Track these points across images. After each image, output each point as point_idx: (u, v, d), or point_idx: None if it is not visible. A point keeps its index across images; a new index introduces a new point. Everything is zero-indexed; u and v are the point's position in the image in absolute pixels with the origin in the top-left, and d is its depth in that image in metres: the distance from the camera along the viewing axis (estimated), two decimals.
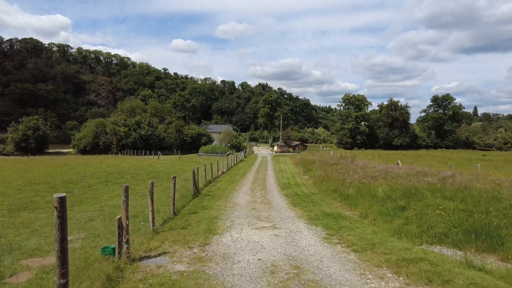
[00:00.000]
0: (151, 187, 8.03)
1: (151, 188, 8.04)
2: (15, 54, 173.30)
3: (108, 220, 10.16)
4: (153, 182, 8.10)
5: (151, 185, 8.03)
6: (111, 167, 31.92)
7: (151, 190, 8.02)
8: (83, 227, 9.39)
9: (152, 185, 8.06)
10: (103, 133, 67.18)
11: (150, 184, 8.03)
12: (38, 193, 16.68)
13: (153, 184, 8.09)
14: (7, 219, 10.74)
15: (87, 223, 9.93)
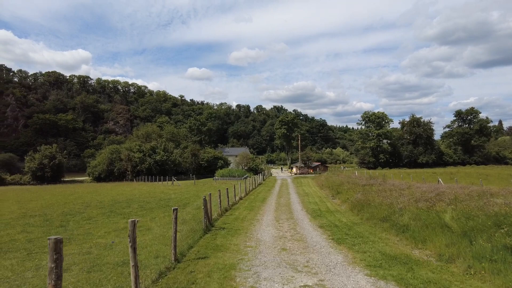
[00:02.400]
0: (131, 228, 5.26)
1: (132, 230, 5.27)
2: (38, 87, 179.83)
3: (86, 272, 7.40)
4: (135, 222, 5.34)
5: (131, 226, 5.26)
6: (120, 195, 29.60)
7: (132, 235, 5.25)
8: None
9: (134, 226, 5.29)
10: (118, 159, 65.84)
11: (131, 224, 5.27)
12: (27, 228, 14.24)
13: (134, 225, 5.32)
14: None
15: None
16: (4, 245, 11.16)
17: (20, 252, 10.06)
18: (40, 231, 13.44)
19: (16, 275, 7.44)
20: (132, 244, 5.20)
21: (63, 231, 13.48)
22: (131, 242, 5.19)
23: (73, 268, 7.79)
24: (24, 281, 6.88)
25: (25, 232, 13.34)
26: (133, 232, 5.20)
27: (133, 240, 5.19)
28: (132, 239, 5.18)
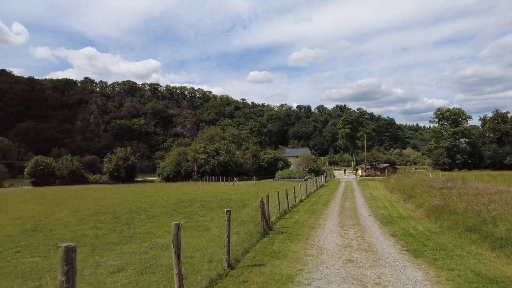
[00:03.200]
0: (175, 232, 4.75)
1: (176, 234, 4.75)
2: (115, 95, 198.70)
3: (139, 273, 7.19)
4: (179, 225, 4.83)
5: (175, 229, 4.75)
6: (184, 195, 30.58)
7: (175, 240, 4.74)
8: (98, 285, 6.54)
9: (178, 230, 4.78)
10: (184, 161, 69.09)
11: (174, 228, 4.76)
12: (97, 224, 15.08)
13: (179, 229, 4.81)
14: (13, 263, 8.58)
15: (110, 275, 7.09)
16: (75, 240, 11.77)
17: (86, 248, 10.45)
18: (107, 228, 14.07)
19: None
20: (176, 250, 4.68)
21: (127, 228, 13.94)
22: (174, 247, 4.68)
23: (128, 268, 7.68)
24: (81, 279, 6.88)
25: (95, 228, 14.06)
26: (177, 236, 4.69)
27: (177, 245, 4.68)
28: (175, 244, 4.67)
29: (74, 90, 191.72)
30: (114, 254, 9.43)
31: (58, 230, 13.82)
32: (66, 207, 22.17)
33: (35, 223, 15.70)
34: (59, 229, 14.17)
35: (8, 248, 10.89)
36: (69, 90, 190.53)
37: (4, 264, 8.92)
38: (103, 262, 8.35)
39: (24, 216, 18.39)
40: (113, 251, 9.90)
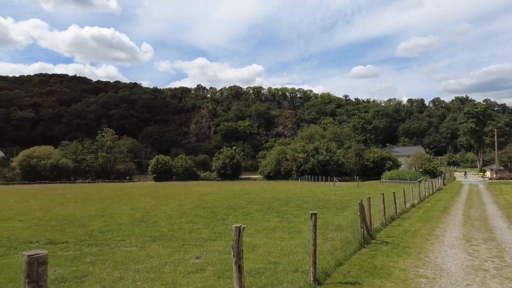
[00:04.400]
0: (236, 238, 3.79)
1: (237, 240, 3.78)
2: (223, 100, 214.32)
3: (216, 276, 6.55)
4: (240, 229, 3.85)
5: (236, 234, 3.79)
6: (281, 193, 30.09)
7: (236, 247, 3.78)
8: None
9: (239, 235, 3.81)
10: (284, 159, 69.37)
11: (235, 232, 3.80)
12: (195, 218, 15.52)
13: (240, 233, 3.84)
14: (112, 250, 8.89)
15: (188, 275, 6.63)
16: (171, 233, 12.11)
17: (177, 242, 10.52)
18: (203, 223, 14.27)
19: (157, 267, 7.36)
20: (237, 260, 3.73)
21: (220, 224, 13.86)
22: (235, 257, 3.73)
23: (207, 269, 7.14)
24: (159, 276, 6.60)
25: (192, 223, 14.42)
26: (238, 243, 3.73)
27: (238, 254, 3.72)
28: (236, 253, 3.73)
29: (189, 96, 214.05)
30: (200, 251, 9.15)
31: (160, 222, 14.62)
32: (173, 201, 23.96)
33: (144, 214, 17.10)
34: (162, 221, 15.00)
35: (116, 235, 11.79)
36: (185, 97, 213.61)
37: (107, 250, 9.50)
38: (186, 260, 8.07)
39: (138, 207, 20.40)
40: (200, 247, 9.67)
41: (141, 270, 7.05)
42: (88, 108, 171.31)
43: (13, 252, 9.32)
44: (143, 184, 59.82)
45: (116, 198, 26.82)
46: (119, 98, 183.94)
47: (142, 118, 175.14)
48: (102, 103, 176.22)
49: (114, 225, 13.88)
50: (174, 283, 6.23)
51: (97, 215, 16.80)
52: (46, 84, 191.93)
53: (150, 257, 8.51)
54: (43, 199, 25.81)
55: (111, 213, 17.59)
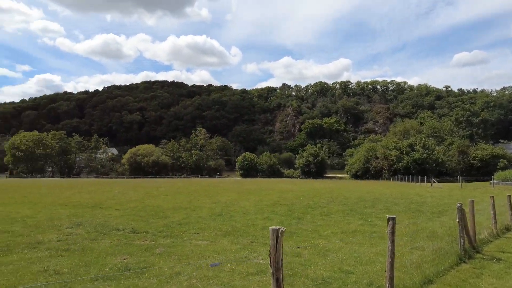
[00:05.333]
0: (273, 243, 3.03)
1: (275, 245, 3.03)
2: (308, 97, 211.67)
3: None
4: (278, 232, 3.09)
5: (273, 238, 3.04)
6: (368, 193, 27.78)
7: (274, 254, 3.03)
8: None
9: (277, 240, 3.05)
10: (374, 157, 64.72)
11: (272, 235, 3.05)
12: (270, 215, 15.10)
13: (277, 237, 3.08)
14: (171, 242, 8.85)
15: (246, 277, 6.10)
16: (244, 228, 11.83)
17: (247, 238, 10.16)
18: (277, 220, 13.73)
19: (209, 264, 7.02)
20: (274, 270, 2.98)
21: (295, 223, 13.11)
22: (272, 267, 3.00)
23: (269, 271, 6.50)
24: (216, 275, 6.21)
25: (267, 219, 14.00)
26: (275, 249, 2.99)
27: (276, 263, 2.98)
28: (273, 262, 2.99)
29: (274, 96, 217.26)
30: (266, 250, 8.58)
31: (236, 217, 14.58)
32: (253, 197, 24.07)
33: (223, 209, 17.38)
34: (238, 216, 14.96)
35: (192, 228, 12.01)
36: (271, 96, 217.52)
37: (179, 243, 9.64)
38: (250, 259, 7.58)
39: (220, 201, 20.97)
40: (268, 246, 9.10)
41: (201, 266, 6.79)
42: (185, 110, 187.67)
43: (101, 238, 10.13)
44: (229, 180, 62.57)
45: (202, 192, 28.26)
46: (211, 100, 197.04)
47: (231, 118, 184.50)
48: (197, 105, 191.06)
49: (194, 218, 14.30)
50: (229, 284, 5.77)
51: (181, 208, 17.69)
52: (150, 90, 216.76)
53: (217, 252, 8.29)
54: (141, 191, 28.66)
55: (194, 206, 18.35)
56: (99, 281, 5.57)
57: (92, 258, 7.35)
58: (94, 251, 8.14)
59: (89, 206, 17.93)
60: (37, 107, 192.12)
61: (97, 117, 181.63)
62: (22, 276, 5.80)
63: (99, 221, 13.01)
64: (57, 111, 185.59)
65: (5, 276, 5.81)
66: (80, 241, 9.31)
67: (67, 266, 6.50)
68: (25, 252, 7.86)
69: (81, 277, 5.69)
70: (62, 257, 7.36)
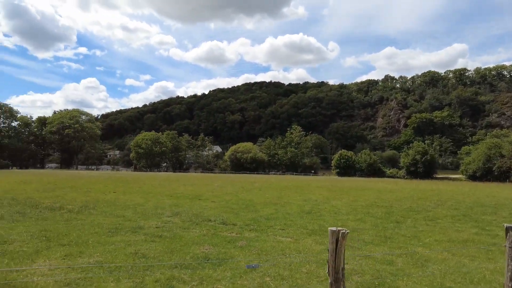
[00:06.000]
0: (332, 247, 2.49)
1: (334, 250, 2.48)
2: (415, 89, 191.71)
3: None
4: (338, 234, 2.52)
5: (333, 242, 2.50)
6: (489, 198, 23.52)
7: (334, 260, 2.78)
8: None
9: (336, 244, 2.50)
10: (498, 156, 54.67)
11: (331, 238, 2.60)
12: (365, 216, 13.92)
13: (337, 241, 2.51)
14: None
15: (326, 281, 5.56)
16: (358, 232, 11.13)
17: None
18: (371, 223, 12.54)
19: (297, 264, 6.60)
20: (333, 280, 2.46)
21: (392, 227, 11.74)
22: (331, 276, 2.49)
23: (352, 278, 5.82)
24: (293, 274, 5.83)
25: (359, 221, 12.95)
26: (335, 255, 2.46)
27: (335, 273, 2.46)
28: (332, 271, 2.46)
29: (376, 89, 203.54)
30: (352, 255, 7.80)
31: (325, 216, 13.90)
32: (347, 196, 22.76)
33: (313, 207, 16.81)
34: (327, 215, 14.24)
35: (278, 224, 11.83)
36: (371, 90, 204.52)
37: (263, 238, 9.55)
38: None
39: (310, 199, 20.42)
40: (357, 250, 8.28)
41: (279, 264, 6.50)
42: (281, 109, 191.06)
43: (193, 227, 10.76)
44: (324, 178, 61.00)
45: (294, 188, 28.08)
46: (307, 98, 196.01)
47: (328, 115, 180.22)
48: (293, 103, 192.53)
49: (282, 214, 14.17)
50: (304, 286, 5.33)
51: (271, 203, 17.79)
52: (249, 91, 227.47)
53: (298, 251, 7.90)
54: (237, 185, 30.04)
55: (284, 202, 18.27)
56: (177, 268, 5.78)
57: (178, 245, 7.77)
58: (183, 239, 8.62)
59: (189, 198, 19.49)
60: (155, 110, 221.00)
61: (204, 118, 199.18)
62: (116, 256, 6.45)
63: (195, 212, 13.92)
64: (171, 113, 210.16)
65: (104, 254, 6.55)
66: (173, 229, 10.03)
67: (154, 251, 7.00)
68: (127, 235, 8.82)
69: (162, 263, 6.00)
70: (154, 243, 7.98)
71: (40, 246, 6.90)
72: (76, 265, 5.56)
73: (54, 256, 6.09)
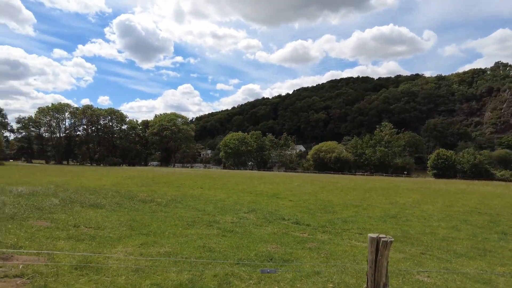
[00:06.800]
0: (372, 257, 2.08)
1: (373, 263, 2.07)
2: None
3: None
4: (379, 241, 2.07)
5: (373, 252, 2.08)
6: None
7: (374, 274, 2.08)
8: None
9: (376, 254, 2.07)
10: None
11: (371, 246, 2.21)
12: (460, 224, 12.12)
13: (377, 250, 2.06)
14: None
15: None
16: (417, 236, 9.94)
17: (417, 248, 8.42)
18: (468, 232, 10.84)
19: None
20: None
21: (495, 239, 9.93)
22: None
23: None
24: (360, 284, 5.30)
25: (453, 229, 11.35)
26: (374, 266, 2.04)
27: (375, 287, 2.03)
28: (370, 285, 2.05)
29: (483, 79, 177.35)
30: (437, 266, 6.78)
31: (412, 222, 12.52)
32: (442, 200, 20.20)
33: (399, 211, 15.33)
34: (415, 220, 12.81)
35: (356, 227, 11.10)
36: (477, 80, 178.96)
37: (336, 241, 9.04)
38: (410, 273, 6.15)
39: (397, 202, 18.68)
40: (445, 262, 7.18)
41: (347, 271, 6.01)
42: (370, 105, 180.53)
43: (265, 225, 10.78)
44: (417, 180, 55.39)
45: (380, 190, 26.13)
46: (400, 92, 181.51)
47: (423, 110, 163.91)
48: (383, 98, 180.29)
49: (362, 217, 13.27)
50: None
51: (352, 205, 16.83)
52: (335, 88, 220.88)
53: None
54: (317, 185, 29.32)
55: (367, 205, 17.11)
56: (239, 265, 5.78)
57: (246, 242, 7.82)
58: (252, 236, 8.67)
59: (268, 195, 19.69)
60: (242, 112, 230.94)
61: (288, 117, 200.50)
62: (185, 247, 6.78)
63: (270, 209, 13.97)
64: (256, 114, 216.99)
65: (175, 245, 6.95)
66: (246, 225, 10.19)
67: (221, 246, 7.16)
68: (201, 228, 9.25)
69: (225, 258, 6.07)
70: (224, 237, 8.19)
71: (124, 233, 7.69)
72: (147, 253, 6.00)
73: (132, 244, 6.70)
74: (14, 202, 9.88)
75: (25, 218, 8.11)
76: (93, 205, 12.12)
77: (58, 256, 5.15)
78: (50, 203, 11.03)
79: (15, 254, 5.01)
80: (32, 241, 6.02)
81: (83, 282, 4.10)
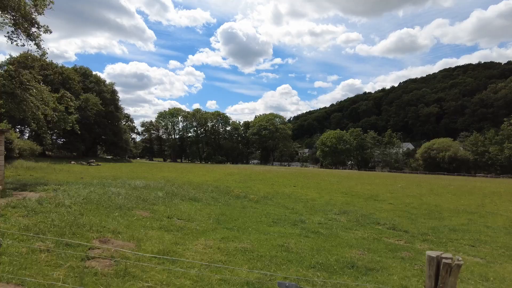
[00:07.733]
0: (431, 284, 1.57)
1: (433, 285, 1.56)
2: None
3: None
4: (439, 262, 1.55)
5: (432, 277, 1.58)
6: None
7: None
8: None
9: (436, 277, 1.55)
10: None
11: (430, 268, 1.64)
12: None
13: (438, 273, 1.54)
14: None
15: None
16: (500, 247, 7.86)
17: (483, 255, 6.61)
18: None
19: None
20: None
21: None
22: None
23: None
24: None
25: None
26: None
27: None
28: None
29: None
30: None
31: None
32: None
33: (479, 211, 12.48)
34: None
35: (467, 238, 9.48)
36: None
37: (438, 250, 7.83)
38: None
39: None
40: None
41: None
42: (495, 95, 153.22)
43: (356, 228, 10.05)
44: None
45: (506, 196, 21.86)
46: None
47: None
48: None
49: (477, 226, 11.30)
50: None
51: (465, 211, 14.51)
52: (449, 78, 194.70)
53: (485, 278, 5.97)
54: (424, 187, 26.17)
55: (485, 212, 14.52)
56: (314, 269, 5.44)
57: (329, 245, 7.38)
58: (338, 239, 8.15)
59: (364, 197, 18.45)
60: (341, 109, 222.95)
61: (393, 112, 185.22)
62: (264, 245, 6.73)
63: (365, 212, 13.02)
64: (357, 110, 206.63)
65: (253, 242, 6.97)
66: (333, 228, 9.66)
67: (300, 247, 6.88)
68: (285, 227, 9.14)
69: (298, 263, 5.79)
70: (306, 238, 7.89)
71: (210, 226, 8.09)
72: (225, 248, 6.15)
73: (214, 237, 6.98)
74: (126, 194, 11.46)
75: (130, 208, 9.29)
76: (191, 199, 13.20)
77: (145, 244, 5.71)
78: (155, 195, 12.43)
79: (113, 238, 5.76)
80: (129, 228, 6.83)
81: (158, 270, 4.41)
